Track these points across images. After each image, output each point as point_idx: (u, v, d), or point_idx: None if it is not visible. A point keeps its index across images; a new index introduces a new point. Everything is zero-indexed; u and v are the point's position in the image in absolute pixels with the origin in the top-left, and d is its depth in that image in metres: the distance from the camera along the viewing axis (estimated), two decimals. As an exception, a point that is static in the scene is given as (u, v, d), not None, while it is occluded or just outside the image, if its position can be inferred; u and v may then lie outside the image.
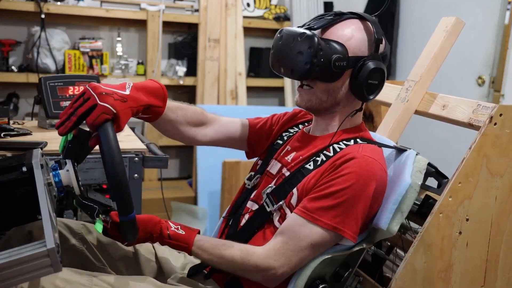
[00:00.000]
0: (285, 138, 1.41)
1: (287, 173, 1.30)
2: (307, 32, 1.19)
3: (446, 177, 1.50)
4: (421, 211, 1.37)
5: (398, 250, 1.62)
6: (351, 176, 1.16)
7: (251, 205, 1.34)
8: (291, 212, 1.23)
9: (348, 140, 1.27)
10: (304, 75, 1.21)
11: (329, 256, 1.21)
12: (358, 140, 1.28)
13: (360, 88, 1.23)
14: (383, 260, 1.60)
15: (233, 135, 1.46)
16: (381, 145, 1.30)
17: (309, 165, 1.26)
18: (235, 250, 1.20)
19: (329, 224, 1.16)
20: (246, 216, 1.33)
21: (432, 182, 1.52)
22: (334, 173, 1.18)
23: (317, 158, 1.26)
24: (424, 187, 1.46)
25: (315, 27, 1.23)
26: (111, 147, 1.02)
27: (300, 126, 1.44)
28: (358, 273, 1.40)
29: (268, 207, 1.27)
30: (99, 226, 1.14)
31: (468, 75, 2.94)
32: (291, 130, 1.43)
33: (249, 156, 1.51)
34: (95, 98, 1.06)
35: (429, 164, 1.52)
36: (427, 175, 1.54)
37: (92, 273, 1.16)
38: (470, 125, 1.36)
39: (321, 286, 1.23)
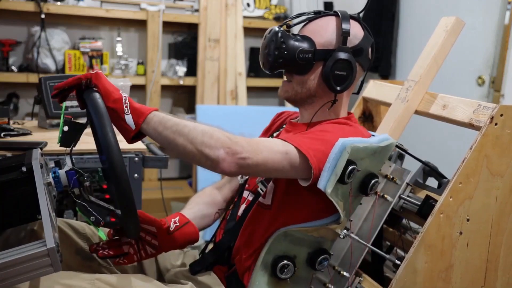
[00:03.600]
0: (275, 135, 1.45)
1: None
2: (275, 28, 1.29)
3: (446, 178, 1.50)
4: (421, 211, 1.37)
5: (398, 250, 1.62)
6: (336, 128, 1.25)
7: (247, 195, 1.37)
8: (273, 181, 1.27)
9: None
10: (270, 67, 1.30)
11: (285, 230, 1.23)
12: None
13: (328, 79, 1.28)
14: (383, 260, 1.60)
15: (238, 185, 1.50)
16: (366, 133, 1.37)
17: None
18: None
19: (303, 146, 1.14)
20: (243, 206, 1.35)
21: (432, 182, 1.52)
22: (316, 127, 1.27)
23: None
24: (424, 187, 1.46)
25: (292, 24, 1.33)
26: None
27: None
28: (358, 273, 1.40)
29: (262, 191, 1.30)
30: (102, 234, 1.15)
31: (468, 75, 2.93)
32: (280, 129, 1.47)
33: None
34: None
35: (428, 165, 1.52)
36: (427, 175, 1.54)
37: (95, 275, 1.16)
38: (470, 125, 1.36)
39: (283, 262, 1.22)
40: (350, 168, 1.20)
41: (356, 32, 1.30)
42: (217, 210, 1.49)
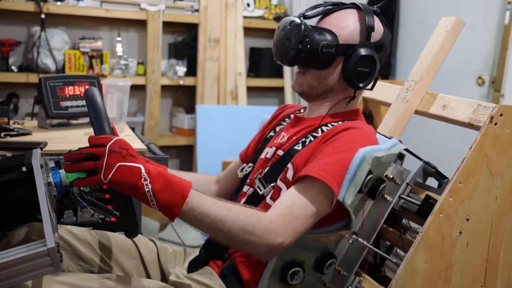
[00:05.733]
0: (277, 129, 1.44)
1: (282, 153, 1.31)
2: (296, 20, 1.25)
3: (446, 177, 1.50)
4: (421, 211, 1.37)
5: (398, 250, 1.62)
6: (349, 140, 1.20)
7: (247, 190, 1.36)
8: (287, 186, 1.24)
9: (337, 122, 1.30)
10: (291, 61, 1.26)
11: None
12: (345, 120, 1.31)
13: (350, 75, 1.26)
14: (383, 260, 1.60)
15: (236, 176, 1.49)
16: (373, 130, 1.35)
17: (298, 146, 1.28)
18: (244, 206, 1.11)
19: (326, 177, 1.14)
20: (242, 201, 1.34)
21: (432, 182, 1.52)
22: (331, 140, 1.21)
23: (305, 140, 1.28)
24: (424, 187, 1.46)
25: (309, 15, 1.28)
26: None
27: (292, 116, 1.45)
28: (358, 273, 1.40)
29: (260, 190, 1.29)
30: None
31: (468, 75, 2.94)
32: (283, 122, 1.46)
33: None
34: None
35: (429, 164, 1.52)
36: (427, 175, 1.54)
37: (104, 275, 1.16)
38: (470, 125, 1.36)
39: (293, 269, 1.21)
40: (368, 177, 1.20)
41: (378, 27, 1.28)
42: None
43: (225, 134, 3.39)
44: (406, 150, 1.44)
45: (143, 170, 0.98)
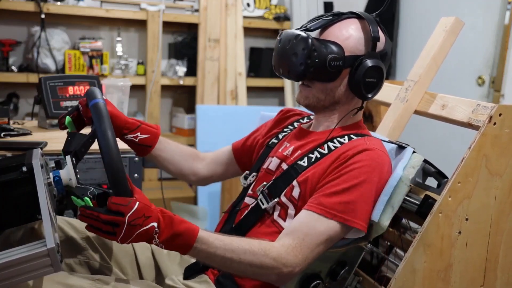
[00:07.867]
0: (281, 136, 1.42)
1: (286, 167, 1.30)
2: (302, 34, 1.23)
3: (446, 177, 1.50)
4: (420, 211, 1.37)
5: (398, 250, 1.62)
6: (365, 169, 1.18)
7: (249, 201, 1.35)
8: (294, 205, 1.23)
9: (342, 137, 1.29)
10: (299, 76, 1.25)
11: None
12: (351, 136, 1.29)
13: (359, 87, 1.24)
14: (383, 260, 1.60)
15: (223, 162, 1.52)
16: (381, 140, 1.33)
17: (303, 162, 1.27)
18: (250, 241, 1.12)
19: (349, 219, 1.16)
20: (245, 213, 1.33)
21: (432, 182, 1.52)
22: (346, 165, 1.19)
23: (311, 155, 1.27)
24: (423, 186, 1.46)
25: (312, 28, 1.26)
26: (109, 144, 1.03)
27: (296, 124, 1.45)
28: (358, 273, 1.40)
29: (263, 204, 1.28)
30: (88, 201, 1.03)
31: (468, 75, 2.94)
32: (286, 130, 1.44)
33: (243, 170, 1.52)
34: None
35: (429, 163, 1.52)
36: (426, 174, 1.54)
37: (95, 276, 1.16)
38: (469, 125, 1.36)
39: (314, 283, 1.22)
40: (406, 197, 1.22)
41: (381, 36, 1.27)
42: (187, 167, 1.51)
43: (225, 134, 3.39)
44: (428, 163, 1.45)
45: (156, 227, 1.01)
